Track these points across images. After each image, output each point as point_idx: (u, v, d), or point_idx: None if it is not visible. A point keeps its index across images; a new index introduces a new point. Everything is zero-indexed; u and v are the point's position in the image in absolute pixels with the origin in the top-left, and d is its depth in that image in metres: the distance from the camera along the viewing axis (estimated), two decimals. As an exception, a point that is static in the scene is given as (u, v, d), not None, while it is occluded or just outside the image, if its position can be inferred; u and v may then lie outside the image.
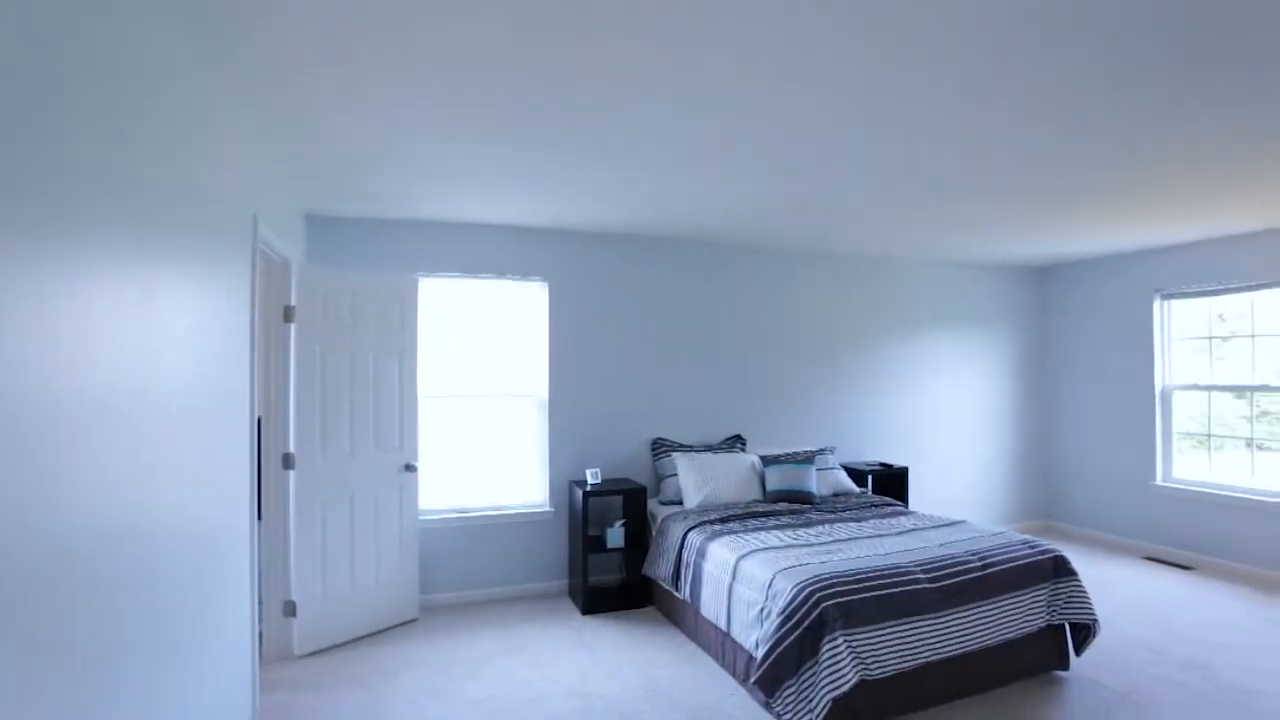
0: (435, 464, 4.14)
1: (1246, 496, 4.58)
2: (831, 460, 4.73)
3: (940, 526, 3.60)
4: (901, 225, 4.21)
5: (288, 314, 3.31)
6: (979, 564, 2.97)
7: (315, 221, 3.89)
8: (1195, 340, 5.02)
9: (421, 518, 4.00)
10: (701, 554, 3.42)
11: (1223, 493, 4.72)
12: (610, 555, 4.44)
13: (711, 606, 3.22)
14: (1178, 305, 5.08)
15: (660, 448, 4.52)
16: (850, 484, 4.60)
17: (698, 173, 3.11)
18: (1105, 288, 5.49)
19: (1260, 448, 4.65)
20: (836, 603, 2.60)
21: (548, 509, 4.31)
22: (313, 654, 3.33)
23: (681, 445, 4.57)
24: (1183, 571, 4.71)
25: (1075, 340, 5.74)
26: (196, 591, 1.88)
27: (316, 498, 3.38)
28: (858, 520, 3.77)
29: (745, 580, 3.00)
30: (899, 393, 5.41)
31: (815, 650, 2.53)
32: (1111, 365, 5.44)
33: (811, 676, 2.52)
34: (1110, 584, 4.42)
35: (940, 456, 5.55)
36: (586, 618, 3.88)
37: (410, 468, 3.77)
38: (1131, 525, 5.28)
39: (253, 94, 2.22)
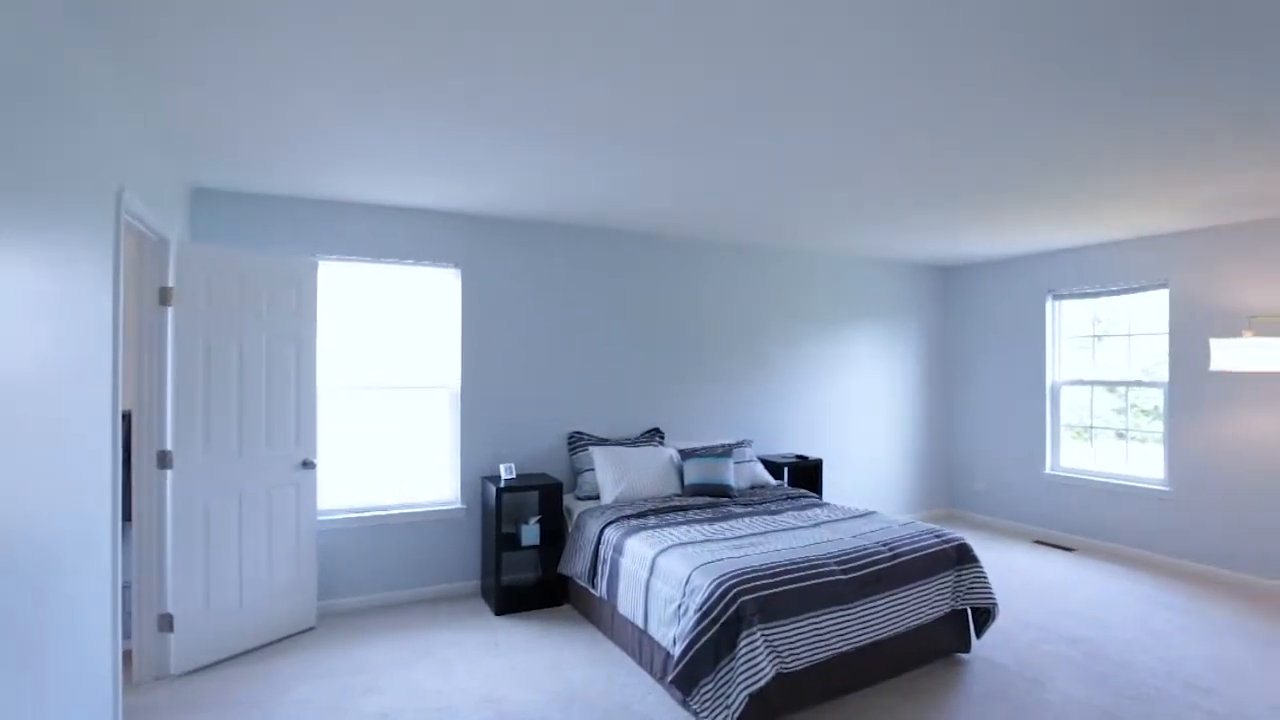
0: (337, 460, 3.87)
1: (1120, 482, 4.96)
2: (749, 453, 4.77)
3: (853, 518, 3.68)
4: (811, 220, 4.27)
5: (164, 296, 2.98)
6: (889, 554, 3.04)
7: (203, 197, 3.54)
8: (1080, 339, 5.38)
9: (321, 518, 3.74)
10: (619, 550, 3.35)
11: (1100, 479, 5.09)
12: (525, 553, 4.30)
13: (629, 604, 3.16)
14: (1066, 306, 5.43)
15: (577, 441, 4.41)
16: (767, 476, 4.65)
17: (607, 157, 3.01)
18: (1003, 288, 5.80)
19: (1130, 438, 5.03)
20: (754, 597, 2.58)
21: (459, 506, 4.12)
22: (193, 672, 3.03)
23: (599, 439, 4.49)
24: (1067, 553, 5.05)
25: (976, 337, 6.05)
26: (36, 605, 1.63)
27: (198, 499, 3.07)
28: (774, 513, 3.80)
29: (663, 576, 2.95)
30: (814, 386, 5.52)
31: (732, 646, 2.51)
32: (1008, 361, 5.76)
33: (728, 673, 2.49)
34: (1005, 567, 4.68)
35: (852, 448, 5.72)
36: (500, 619, 3.73)
37: (308, 465, 3.50)
38: (1023, 511, 5.62)
39: (114, 45, 1.95)
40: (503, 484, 3.86)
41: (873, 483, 5.84)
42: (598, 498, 4.15)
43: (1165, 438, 4.74)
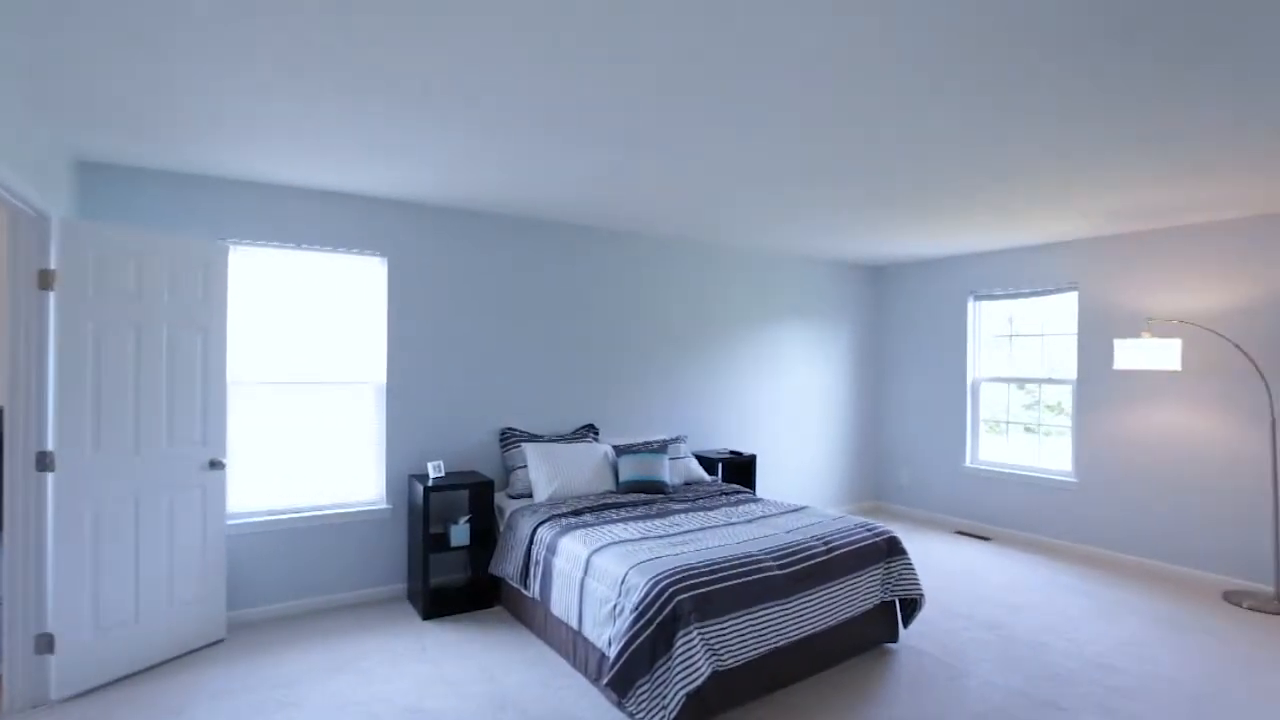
0: (251, 460, 3.61)
1: (1032, 475, 5.23)
2: (683, 449, 4.76)
3: (787, 513, 3.71)
4: (744, 217, 4.28)
5: (45, 280, 2.68)
6: (824, 548, 3.07)
7: (93, 171, 3.21)
8: (998, 338, 5.63)
9: (232, 522, 3.48)
10: (552, 550, 3.25)
11: (1014, 472, 5.35)
12: (455, 554, 4.15)
13: (563, 604, 3.07)
14: (986, 306, 5.67)
15: (510, 438, 4.28)
16: (702, 472, 4.65)
17: (537, 142, 2.90)
18: (929, 288, 6.01)
19: (1041, 432, 5.31)
20: (690, 596, 2.55)
21: (384, 506, 3.93)
22: (79, 696, 2.75)
23: (532, 435, 4.37)
24: (984, 542, 5.28)
25: (904, 336, 6.25)
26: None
27: (86, 505, 2.79)
28: (709, 509, 3.79)
29: (598, 576, 2.88)
30: (748, 382, 5.57)
31: (669, 645, 2.46)
32: (933, 359, 5.97)
33: (665, 672, 2.45)
34: (928, 557, 4.85)
35: (785, 444, 5.80)
36: (428, 623, 3.57)
37: (216, 464, 3.24)
38: (945, 503, 5.85)
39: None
40: (431, 482, 3.70)
41: (804, 477, 5.94)
42: (530, 496, 4.04)
43: (1072, 432, 5.02)
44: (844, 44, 1.96)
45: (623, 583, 2.72)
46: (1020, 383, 5.44)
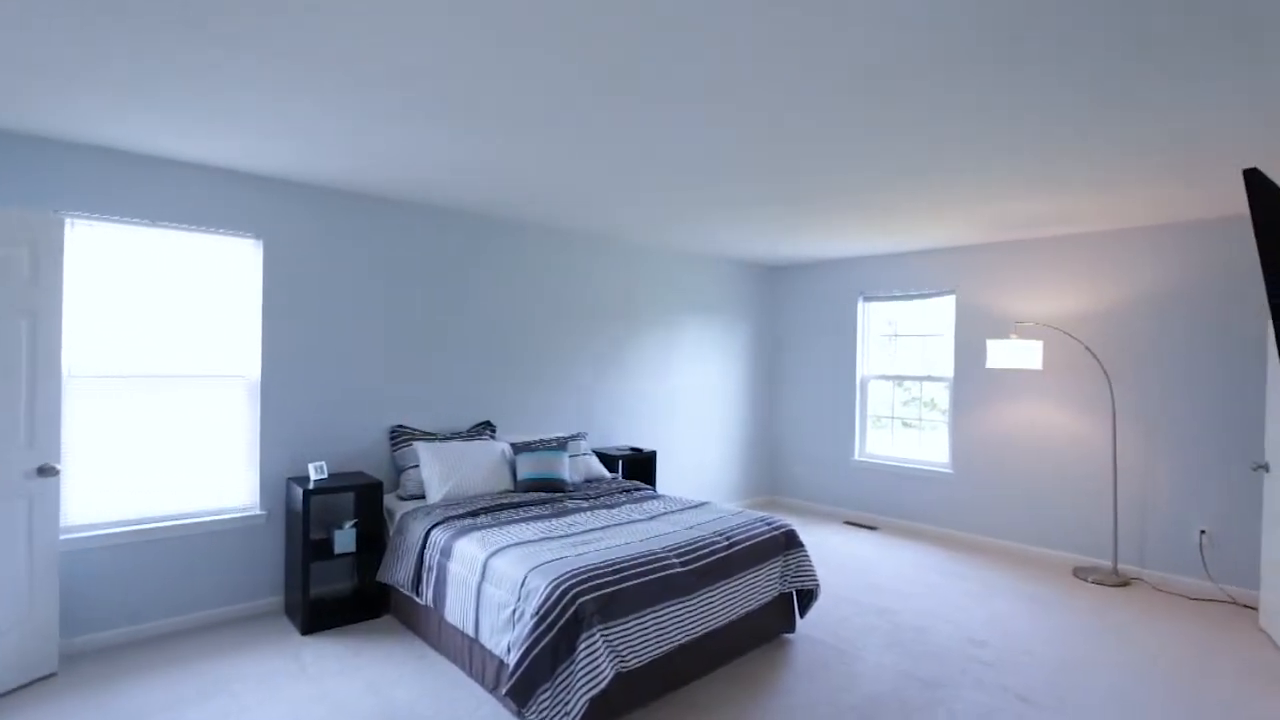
0: (98, 464, 3.17)
1: (913, 467, 5.56)
2: (583, 446, 4.67)
3: (688, 509, 3.71)
4: (640, 210, 4.24)
5: None
6: (725, 544, 3.09)
7: (-118, 123, 2.70)
8: (884, 338, 5.95)
9: (71, 536, 3.05)
10: (446, 553, 3.08)
11: (898, 464, 5.67)
12: (339, 562, 3.86)
13: (458, 611, 2.91)
14: (874, 307, 5.97)
15: (400, 436, 4.04)
16: (602, 470, 4.58)
17: (413, 122, 2.73)
18: (822, 289, 6.25)
19: (922, 427, 5.66)
20: (593, 597, 2.48)
21: (258, 513, 3.58)
22: None
23: (425, 433, 4.14)
24: (872, 532, 5.55)
25: (798, 334, 6.46)
26: None
27: (-126, 520, 2.33)
28: (611, 507, 3.74)
29: (496, 580, 2.75)
30: (648, 379, 5.57)
31: (572, 649, 2.38)
32: (825, 357, 6.22)
33: (568, 678, 2.36)
34: (821, 547, 5.03)
35: (684, 440, 5.85)
36: (308, 638, 3.29)
37: (48, 471, 2.82)
38: (835, 495, 6.11)
39: None
40: (312, 485, 3.40)
41: (703, 473, 6.02)
42: (423, 497, 3.82)
43: (949, 426, 5.38)
44: (747, 31, 1.94)
45: (522, 586, 2.61)
46: (904, 380, 5.77)
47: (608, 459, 4.88)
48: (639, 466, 5.11)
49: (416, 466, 3.92)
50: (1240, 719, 2.73)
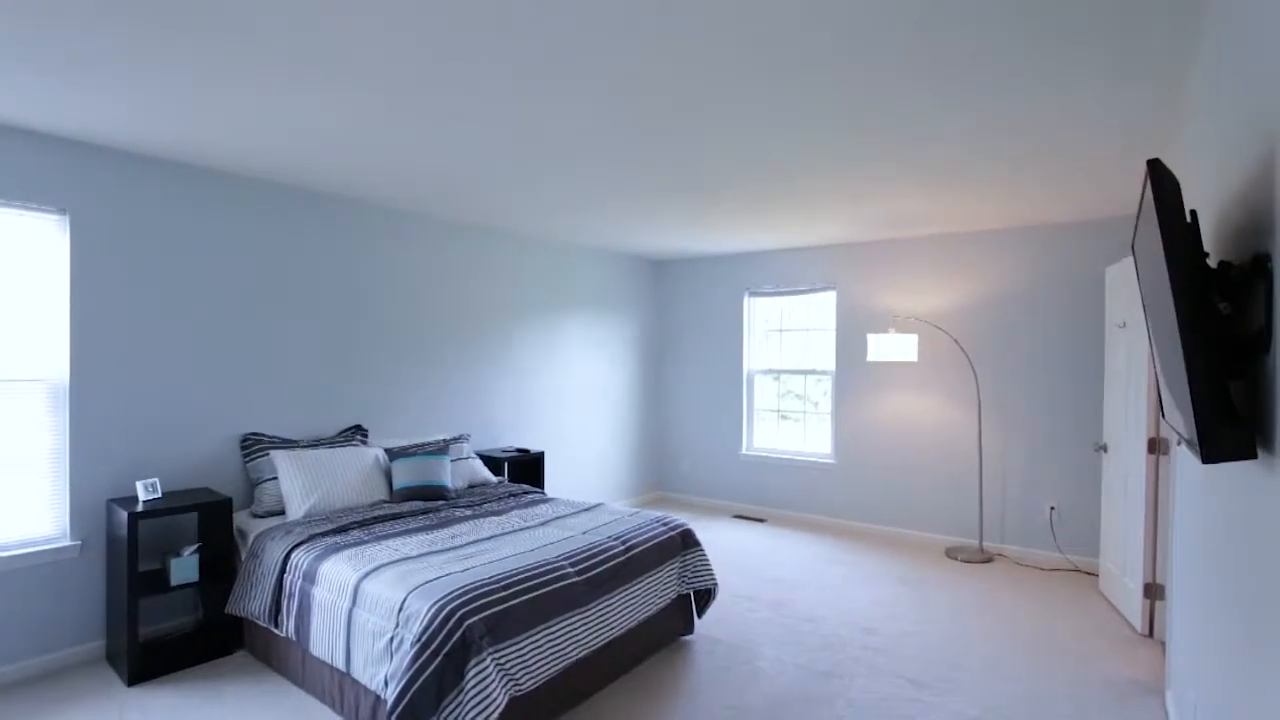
0: None
1: (798, 458, 5.70)
2: (466, 449, 4.36)
3: (581, 512, 3.53)
4: (525, 198, 4.00)
5: None
6: (622, 548, 2.94)
7: None
8: (769, 332, 6.06)
9: None
10: (310, 577, 2.71)
11: (784, 457, 5.79)
12: (178, 594, 3.34)
13: (325, 643, 2.56)
14: (760, 302, 6.06)
15: (255, 446, 3.56)
16: (487, 474, 4.30)
17: (259, 80, 2.38)
18: (709, 283, 6.27)
19: (806, 419, 5.82)
20: (482, 617, 2.24)
21: (68, 543, 3.00)
22: None
23: (285, 440, 3.68)
24: (760, 524, 5.63)
25: (686, 329, 6.45)
26: None
27: None
28: (498, 514, 3.49)
29: (370, 605, 2.43)
30: (535, 376, 5.32)
31: (459, 678, 2.13)
32: (713, 352, 6.25)
33: (456, 708, 2.11)
34: (713, 543, 5.02)
35: (573, 439, 5.66)
36: (136, 689, 2.79)
37: None
38: (724, 489, 6.16)
39: None
40: (141, 507, 2.89)
41: (593, 472, 5.86)
42: (283, 513, 3.39)
43: (832, 418, 5.55)
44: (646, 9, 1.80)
45: (401, 610, 2.32)
46: (788, 374, 5.90)
47: (493, 462, 4.60)
48: (527, 468, 4.86)
49: (275, 479, 3.47)
50: (1090, 674, 2.97)
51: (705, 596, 3.36)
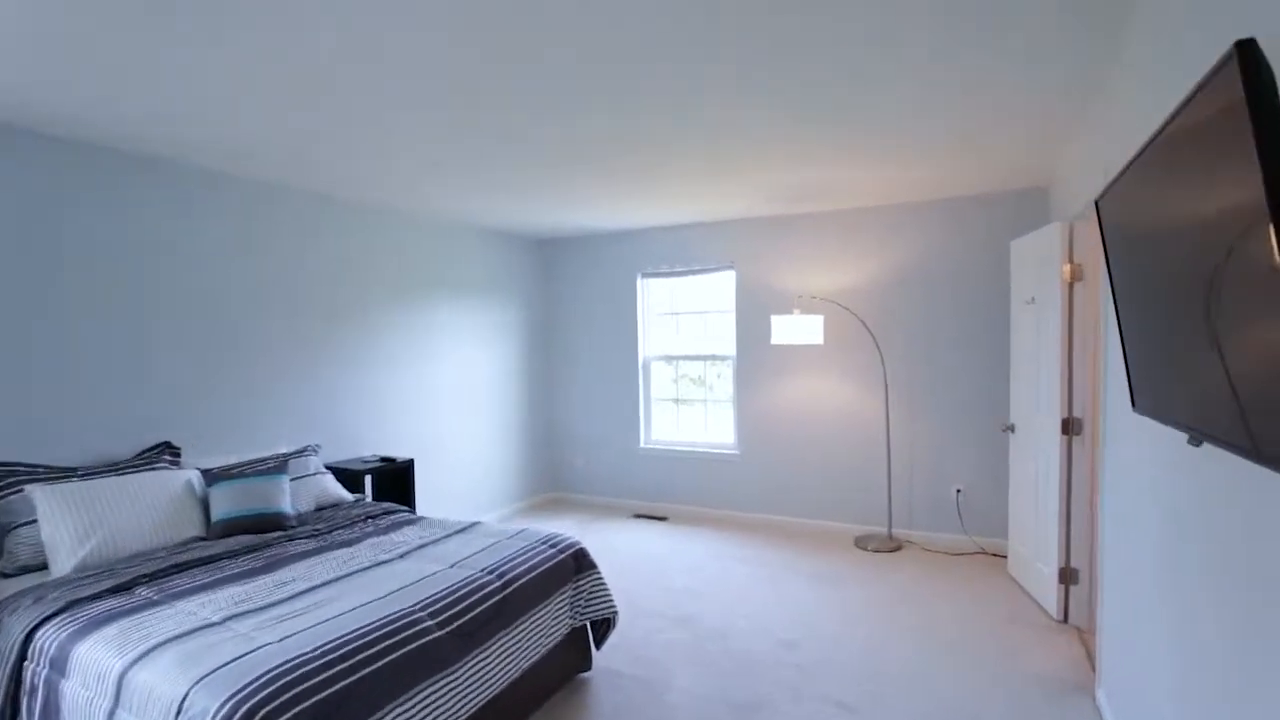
0: None
1: (700, 450, 5.34)
2: (314, 463, 3.61)
3: (453, 534, 2.93)
4: (364, 160, 3.34)
5: None
6: (499, 584, 2.38)
7: None
8: (665, 316, 5.63)
9: None
10: (59, 666, 1.96)
11: (685, 449, 5.41)
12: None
13: (79, 758, 1.84)
14: (653, 284, 5.61)
15: (4, 480, 2.67)
16: (341, 491, 3.57)
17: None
18: (599, 264, 5.74)
19: (707, 407, 5.46)
20: (302, 710, 1.62)
21: None
22: None
23: (52, 470, 2.81)
24: (662, 523, 5.22)
25: (575, 314, 5.90)
26: None
27: None
28: (349, 544, 2.82)
29: (137, 706, 1.74)
30: (402, 371, 4.60)
31: (261, 808, 1.51)
32: (605, 339, 5.74)
33: None
34: (612, 549, 4.54)
35: (450, 441, 4.98)
36: None
37: None
38: (622, 486, 5.69)
39: None
40: None
41: (474, 478, 5.21)
42: (45, 569, 2.55)
43: (734, 405, 5.21)
44: None
45: (180, 713, 1.65)
46: (687, 360, 5.51)
47: (351, 475, 3.87)
48: (393, 480, 4.17)
49: (33, 522, 2.61)
50: (1015, 672, 2.80)
51: (604, 625, 2.86)
